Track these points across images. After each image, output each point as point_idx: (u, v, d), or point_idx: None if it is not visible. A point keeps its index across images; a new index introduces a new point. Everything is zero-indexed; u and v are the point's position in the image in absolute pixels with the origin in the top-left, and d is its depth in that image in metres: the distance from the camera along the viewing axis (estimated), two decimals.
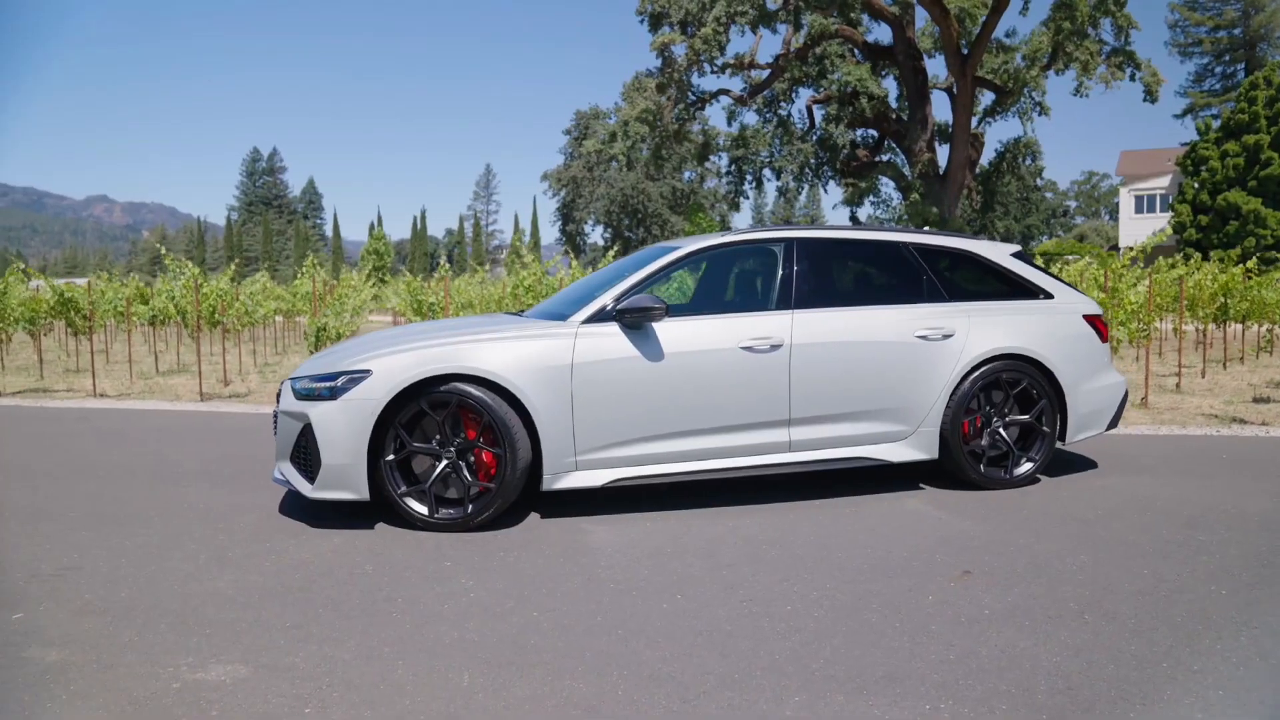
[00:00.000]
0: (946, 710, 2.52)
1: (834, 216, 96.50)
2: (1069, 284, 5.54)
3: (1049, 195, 65.14)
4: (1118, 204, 47.43)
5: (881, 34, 37.60)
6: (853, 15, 35.28)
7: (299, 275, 12.75)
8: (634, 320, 4.51)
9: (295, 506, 4.80)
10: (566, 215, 71.58)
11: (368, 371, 4.30)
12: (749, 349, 4.64)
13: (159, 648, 3.00)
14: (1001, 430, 5.12)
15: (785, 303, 4.84)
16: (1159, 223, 40.45)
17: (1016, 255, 5.44)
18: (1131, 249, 10.22)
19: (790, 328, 4.74)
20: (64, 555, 4.03)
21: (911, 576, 3.64)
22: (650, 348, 4.53)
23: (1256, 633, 3.02)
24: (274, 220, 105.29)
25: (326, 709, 2.58)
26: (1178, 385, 10.76)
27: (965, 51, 32.30)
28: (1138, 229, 40.49)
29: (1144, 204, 43.72)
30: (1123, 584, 3.51)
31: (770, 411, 4.69)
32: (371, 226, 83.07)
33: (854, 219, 45.06)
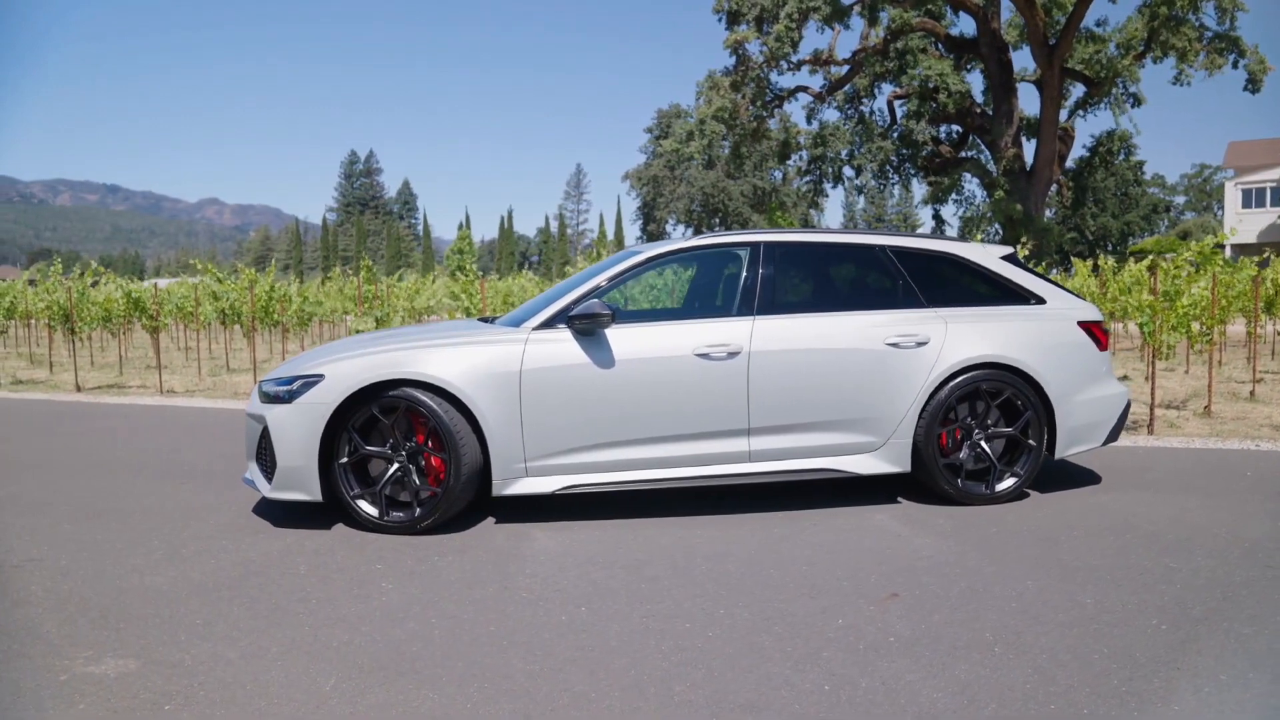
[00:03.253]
0: None
1: (921, 214, 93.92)
2: (1066, 289, 5.22)
3: (1155, 190, 61.63)
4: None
5: (965, 26, 36.36)
6: (933, 8, 34.17)
7: (354, 276, 13.17)
8: (584, 326, 4.48)
9: (268, 506, 4.95)
10: (647, 215, 71.78)
11: (320, 376, 4.40)
12: (704, 356, 4.55)
13: (69, 640, 3.14)
14: (983, 443, 4.87)
15: (747, 308, 4.72)
16: (1268, 218, 37.77)
17: (1007, 258, 5.16)
18: (1191, 245, 9.58)
19: (750, 334, 4.61)
20: (36, 548, 4.26)
21: (834, 597, 3.49)
22: (601, 354, 4.49)
23: (1175, 673, 2.78)
24: (369, 221, 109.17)
25: (186, 706, 2.65)
26: (1252, 393, 10.05)
27: (1053, 42, 30.87)
28: (1245, 225, 37.92)
29: (1252, 198, 40.85)
30: (1056, 614, 3.29)
31: (728, 420, 4.59)
32: (460, 226, 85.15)
33: (937, 217, 43.70)
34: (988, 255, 5.12)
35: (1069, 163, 37.29)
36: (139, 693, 2.74)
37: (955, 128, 39.75)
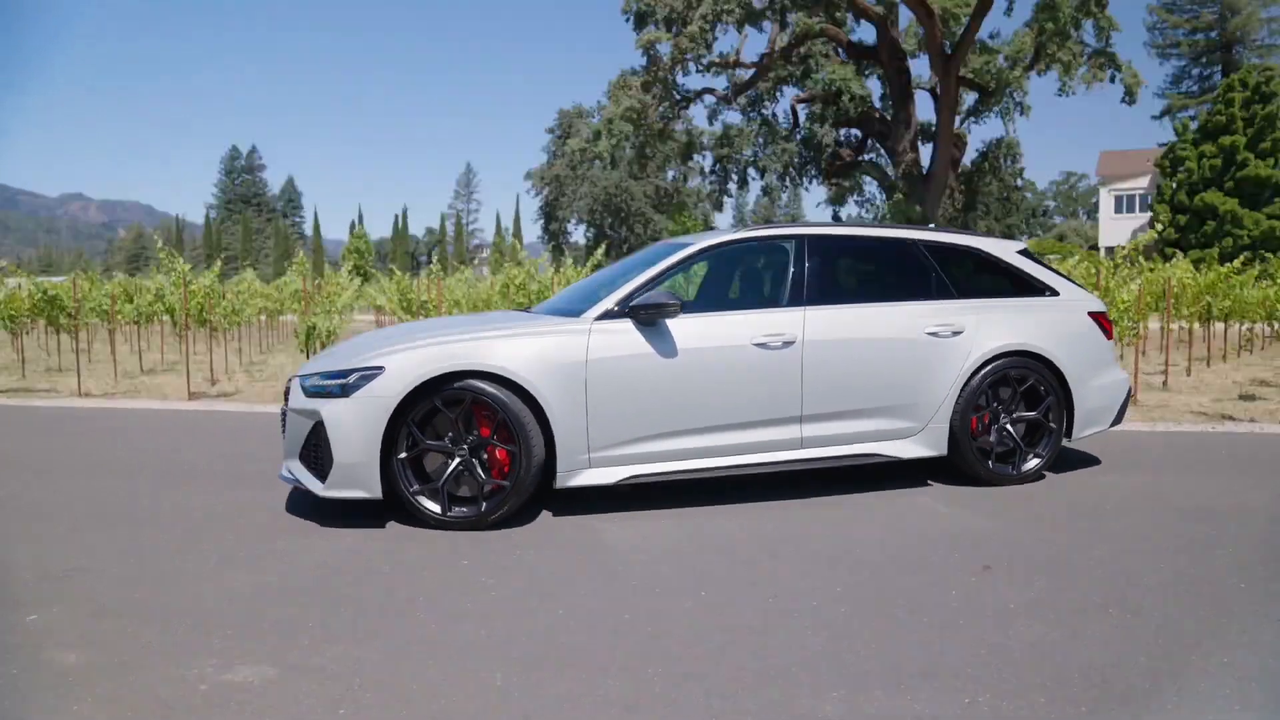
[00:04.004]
0: (985, 704, 2.52)
1: (816, 216, 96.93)
2: (1073, 281, 5.58)
3: (1029, 195, 65.71)
4: (1096, 204, 47.98)
5: (866, 34, 37.78)
6: (838, 15, 35.39)
7: (287, 273, 12.60)
8: (648, 316, 4.49)
9: (301, 506, 4.74)
10: (549, 214, 71.40)
11: (380, 368, 4.26)
12: (762, 345, 4.64)
13: (181, 649, 2.95)
14: (1009, 426, 5.14)
15: (797, 299, 4.83)
16: (1138, 223, 40.94)
17: (1022, 252, 5.47)
18: (1123, 247, 10.32)
19: (802, 324, 4.73)
20: (71, 555, 3.95)
21: (930, 572, 3.64)
22: (664, 344, 4.51)
23: None
24: (253, 219, 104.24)
25: (360, 709, 2.54)
26: (1164, 383, 10.89)
27: (949, 52, 32.49)
28: (1117, 229, 40.98)
29: (1123, 204, 44.20)
30: (1143, 577, 3.53)
31: (783, 408, 4.69)
32: (352, 225, 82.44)
33: (836, 218, 45.27)
34: (1006, 249, 5.42)
35: (960, 168, 39.33)
36: (299, 698, 2.60)
37: (856, 132, 41.27)
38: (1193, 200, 36.06)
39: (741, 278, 5.23)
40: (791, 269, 4.91)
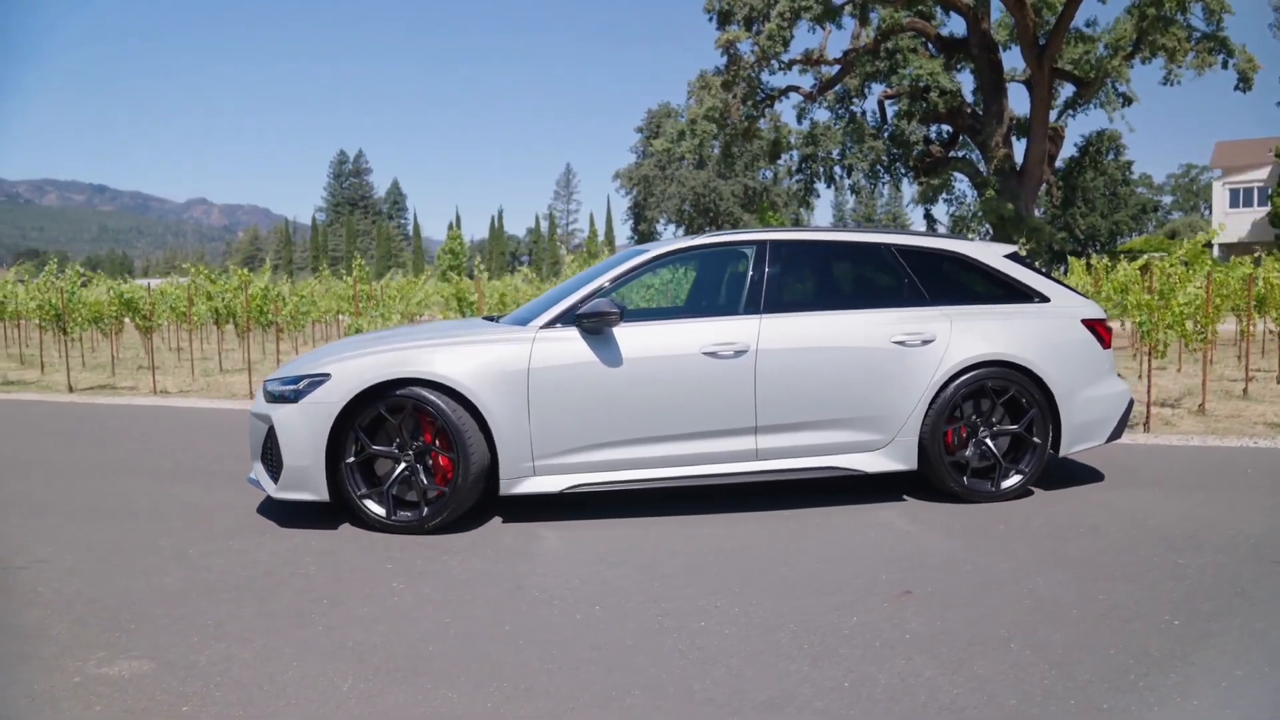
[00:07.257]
0: None
1: (911, 214, 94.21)
2: (1069, 287, 5.25)
3: (1142, 190, 62.05)
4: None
5: (955, 26, 36.50)
6: (924, 8, 34.29)
7: (351, 273, 13.04)
8: (592, 325, 4.47)
9: (273, 506, 4.92)
10: (638, 214, 71.82)
11: (326, 375, 4.38)
12: (712, 354, 4.54)
13: (79, 642, 3.11)
14: (988, 441, 4.88)
15: (754, 307, 4.72)
16: (1256, 216, 38.07)
17: (1010, 257, 5.17)
18: (1182, 244, 9.64)
19: (757, 333, 4.62)
20: (41, 549, 4.22)
21: (847, 595, 3.50)
22: (609, 353, 4.48)
23: (1191, 669, 2.79)
24: (359, 221, 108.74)
25: (203, 708, 2.63)
26: (1244, 391, 10.11)
27: (1043, 42, 31.01)
28: (1233, 223, 38.17)
29: (1240, 197, 41.15)
30: (1069, 610, 3.30)
31: (735, 419, 4.59)
32: (450, 226, 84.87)
33: (928, 217, 43.86)
34: (991, 253, 5.14)
35: (1058, 162, 37.48)
36: (155, 694, 2.71)
37: (946, 127, 39.89)
38: None
39: (699, 284, 5.15)
40: (750, 275, 4.79)
